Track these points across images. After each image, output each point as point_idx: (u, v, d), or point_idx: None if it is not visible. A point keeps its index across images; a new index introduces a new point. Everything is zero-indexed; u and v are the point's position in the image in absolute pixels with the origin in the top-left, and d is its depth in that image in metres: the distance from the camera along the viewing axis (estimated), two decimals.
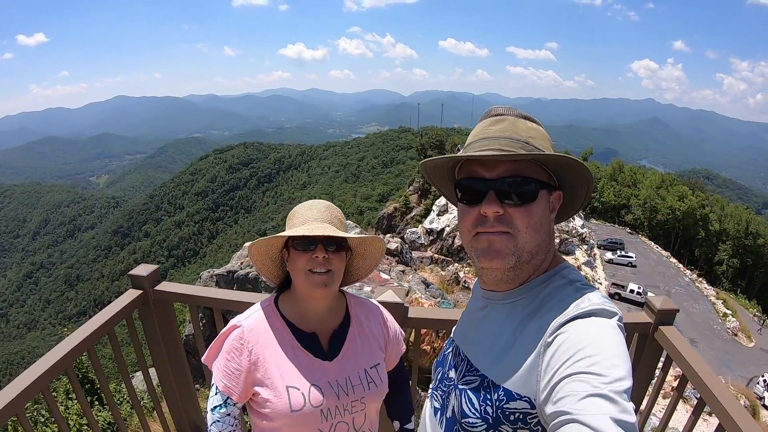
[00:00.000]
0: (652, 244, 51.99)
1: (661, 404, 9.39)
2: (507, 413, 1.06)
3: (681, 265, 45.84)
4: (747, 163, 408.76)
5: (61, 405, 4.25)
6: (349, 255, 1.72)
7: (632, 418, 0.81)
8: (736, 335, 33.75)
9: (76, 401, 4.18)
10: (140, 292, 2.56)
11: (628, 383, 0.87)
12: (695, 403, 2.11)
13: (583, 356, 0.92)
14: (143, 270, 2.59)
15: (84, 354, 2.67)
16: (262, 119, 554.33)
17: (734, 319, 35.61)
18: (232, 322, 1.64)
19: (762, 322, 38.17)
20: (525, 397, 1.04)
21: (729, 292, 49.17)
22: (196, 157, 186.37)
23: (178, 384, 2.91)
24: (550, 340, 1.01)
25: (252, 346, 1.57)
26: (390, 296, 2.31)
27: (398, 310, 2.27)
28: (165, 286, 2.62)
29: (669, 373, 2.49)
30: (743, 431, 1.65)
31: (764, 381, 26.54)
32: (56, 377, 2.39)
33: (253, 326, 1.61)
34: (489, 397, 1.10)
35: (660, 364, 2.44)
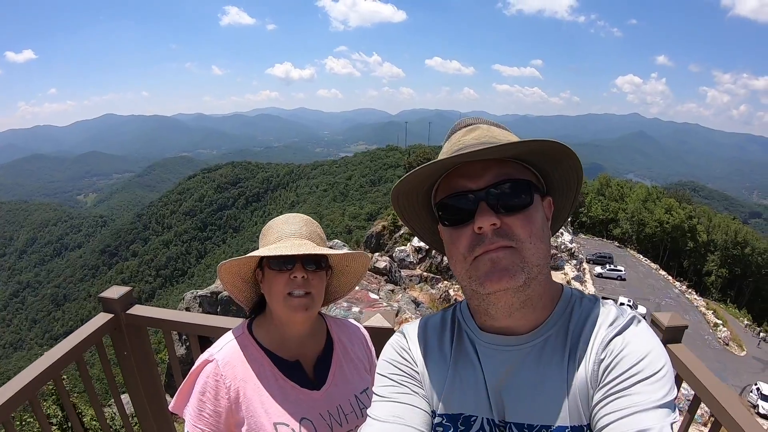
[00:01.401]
0: (641, 257, 52.42)
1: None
2: None
3: (670, 277, 46.20)
4: (732, 174, 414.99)
5: None
6: (330, 273, 1.59)
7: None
8: (727, 345, 34.03)
9: None
10: (111, 316, 2.38)
11: (674, 393, 0.90)
12: (703, 420, 1.97)
13: (642, 368, 0.91)
14: (114, 292, 2.42)
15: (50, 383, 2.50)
16: (250, 138, 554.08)
17: (725, 328, 35.93)
18: (203, 357, 1.47)
19: (761, 336, 38.39)
20: (587, 424, 0.96)
21: (719, 302, 49.77)
22: (184, 176, 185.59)
23: (154, 415, 2.73)
24: (602, 356, 0.96)
25: (230, 382, 1.40)
26: (378, 321, 2.13)
27: (387, 337, 2.08)
28: (138, 309, 2.45)
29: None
30: None
31: (758, 389, 26.95)
32: (18, 407, 2.21)
33: (228, 359, 1.44)
34: None
35: None
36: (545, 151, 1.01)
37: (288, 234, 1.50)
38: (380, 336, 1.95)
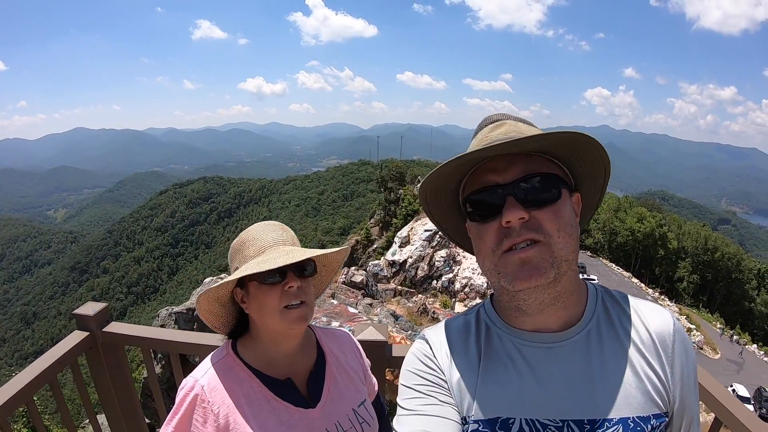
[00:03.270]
0: (614, 265, 53.02)
1: None
2: None
3: (643, 285, 46.90)
4: (700, 182, 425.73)
5: None
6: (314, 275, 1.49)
7: None
8: (701, 348, 34.58)
9: None
10: (87, 334, 2.26)
11: None
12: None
13: (694, 365, 1.05)
14: (90, 309, 2.29)
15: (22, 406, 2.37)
16: (222, 153, 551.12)
17: (698, 333, 36.49)
18: (187, 382, 1.34)
19: (742, 344, 39.26)
20: (665, 411, 0.99)
21: (691, 308, 50.57)
22: (156, 191, 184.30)
23: None
24: (671, 353, 1.01)
25: (218, 409, 1.29)
26: (372, 334, 2.04)
27: (381, 350, 2.03)
28: (115, 327, 2.32)
29: None
30: None
31: (733, 391, 27.77)
32: None
33: (214, 384, 1.32)
34: None
35: None
36: (571, 144, 1.00)
37: (271, 243, 1.39)
38: (374, 349, 1.89)
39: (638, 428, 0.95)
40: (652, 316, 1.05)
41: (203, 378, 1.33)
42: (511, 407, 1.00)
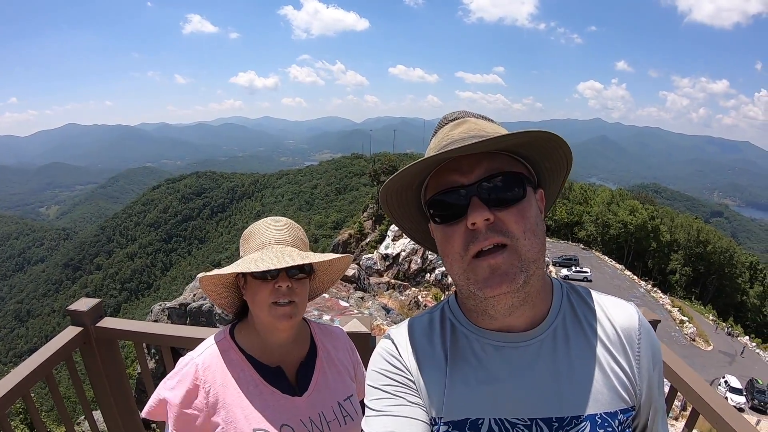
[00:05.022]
0: (606, 258, 53.12)
1: None
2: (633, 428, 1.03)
3: (635, 277, 47.00)
4: (693, 175, 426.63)
5: None
6: (312, 276, 1.55)
7: None
8: (694, 340, 34.86)
9: None
10: (81, 329, 2.30)
11: None
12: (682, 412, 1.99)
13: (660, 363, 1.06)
14: (83, 305, 2.33)
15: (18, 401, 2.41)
16: (214, 148, 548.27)
17: (691, 325, 36.72)
18: (183, 360, 1.44)
19: (735, 337, 39.86)
20: (632, 406, 1.00)
21: (684, 300, 50.83)
22: (148, 187, 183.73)
23: (128, 431, 2.66)
24: (637, 348, 1.02)
25: (209, 387, 1.37)
26: (355, 326, 2.10)
27: (364, 341, 2.08)
28: (108, 322, 2.36)
29: None
30: None
31: (725, 382, 28.11)
32: None
33: (208, 363, 1.41)
34: (613, 429, 0.96)
35: None
36: (534, 143, 0.97)
37: (271, 240, 1.45)
38: (357, 341, 1.91)
39: (606, 424, 0.94)
40: (618, 312, 1.05)
41: (199, 357, 1.42)
42: (480, 408, 0.98)
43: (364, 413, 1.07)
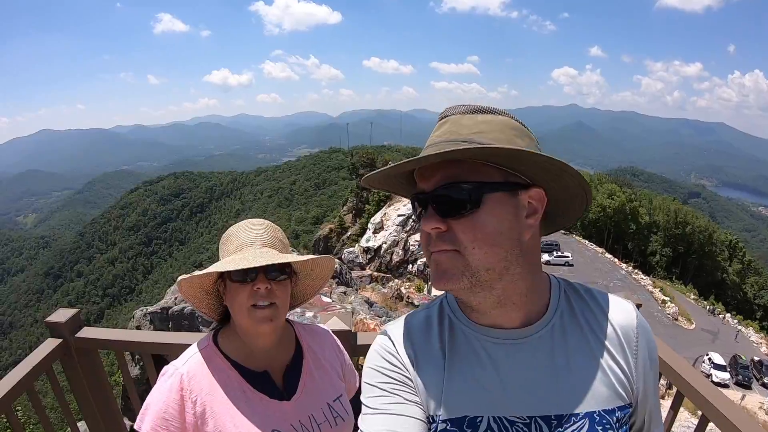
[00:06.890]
0: (587, 242, 53.50)
1: None
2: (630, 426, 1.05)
3: (616, 260, 47.43)
4: (669, 158, 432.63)
5: None
6: (294, 279, 1.53)
7: None
8: (676, 320, 35.44)
9: None
10: (60, 341, 2.26)
11: None
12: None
13: (656, 362, 1.07)
14: (62, 316, 2.29)
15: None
16: (190, 148, 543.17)
17: (673, 304, 37.32)
18: (167, 370, 1.40)
19: (718, 316, 40.61)
20: (629, 403, 1.01)
21: (665, 280, 51.55)
22: (126, 190, 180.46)
23: None
24: (634, 346, 1.02)
25: (196, 396, 1.34)
26: (335, 323, 2.09)
27: (346, 338, 2.06)
28: (87, 332, 2.32)
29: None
30: (728, 417, 1.61)
31: (709, 359, 28.71)
32: None
33: (193, 372, 1.37)
34: (611, 427, 0.96)
35: None
36: (498, 154, 0.89)
37: (248, 242, 1.43)
38: (339, 339, 1.89)
39: (604, 421, 0.95)
40: (616, 310, 1.04)
41: (183, 366, 1.38)
42: (479, 405, 0.97)
43: (355, 410, 1.00)
